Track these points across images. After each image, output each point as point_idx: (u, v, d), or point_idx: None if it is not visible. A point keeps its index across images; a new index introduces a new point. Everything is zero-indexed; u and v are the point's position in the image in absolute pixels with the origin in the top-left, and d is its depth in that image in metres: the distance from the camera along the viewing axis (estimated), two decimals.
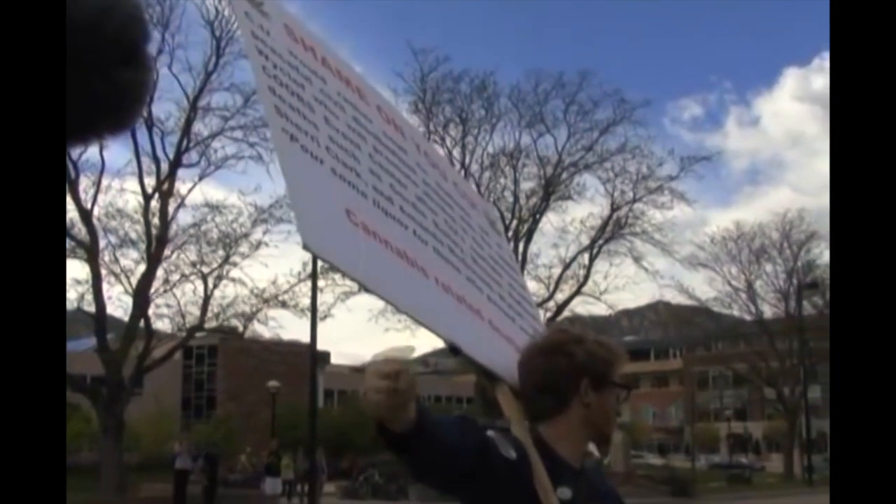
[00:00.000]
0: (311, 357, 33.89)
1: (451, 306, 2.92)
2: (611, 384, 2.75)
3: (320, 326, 32.80)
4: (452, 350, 2.73)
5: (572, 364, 2.70)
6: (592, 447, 2.84)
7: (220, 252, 37.01)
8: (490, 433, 2.53)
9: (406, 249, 2.81)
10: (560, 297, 47.94)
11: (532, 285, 47.92)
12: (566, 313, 48.66)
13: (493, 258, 3.50)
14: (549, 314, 46.84)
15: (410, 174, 3.17)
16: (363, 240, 2.63)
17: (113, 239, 35.79)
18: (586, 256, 47.92)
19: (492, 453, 2.47)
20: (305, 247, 2.42)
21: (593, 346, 2.77)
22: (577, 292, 47.85)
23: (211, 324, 38.33)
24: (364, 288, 2.62)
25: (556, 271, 47.88)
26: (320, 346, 39.57)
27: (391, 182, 2.99)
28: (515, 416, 2.71)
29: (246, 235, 37.00)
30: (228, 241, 36.84)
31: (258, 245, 37.12)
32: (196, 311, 37.17)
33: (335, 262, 2.58)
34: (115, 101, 1.40)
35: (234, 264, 37.07)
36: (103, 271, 34.37)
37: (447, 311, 2.87)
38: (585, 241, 47.88)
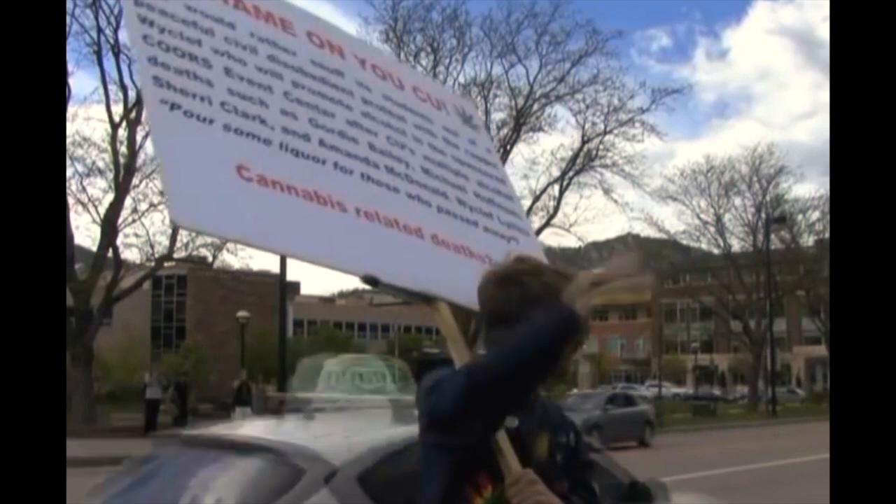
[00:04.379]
0: (280, 287, 33.83)
1: (375, 234, 2.87)
2: None
3: None
4: (369, 282, 2.72)
5: (524, 295, 2.62)
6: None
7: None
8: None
9: (318, 189, 2.76)
10: None
11: None
12: None
13: (458, 160, 3.43)
14: None
15: (344, 98, 3.11)
16: (257, 194, 2.59)
17: (80, 168, 35.45)
18: (556, 188, 48.06)
19: None
20: (173, 222, 2.42)
21: (551, 276, 2.67)
22: (547, 224, 47.95)
23: (180, 253, 38.14)
24: (250, 245, 2.63)
25: (526, 203, 47.83)
26: (290, 277, 39.60)
27: (311, 116, 2.94)
28: (452, 335, 2.70)
29: None
30: None
31: None
32: (165, 241, 36.99)
33: (208, 229, 2.61)
34: None
35: None
36: (71, 200, 34.03)
37: (364, 243, 2.82)
38: (556, 172, 47.99)
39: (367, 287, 2.88)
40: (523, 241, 3.41)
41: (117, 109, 34.97)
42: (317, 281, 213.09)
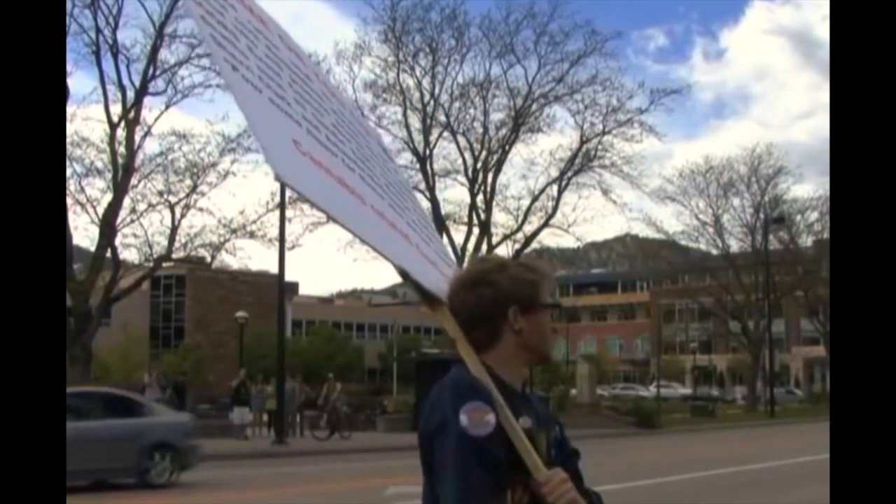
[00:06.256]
0: (278, 287, 33.86)
1: (389, 232, 2.90)
2: (540, 305, 2.69)
3: (288, 257, 32.83)
4: (402, 274, 2.72)
5: (497, 293, 2.65)
6: None
7: (188, 181, 36.72)
8: (463, 420, 2.44)
9: (343, 177, 2.77)
10: (528, 228, 48.11)
11: (501, 217, 48.15)
12: (534, 245, 48.90)
13: (399, 184, 3.46)
14: (517, 246, 47.06)
15: (323, 102, 3.11)
16: (314, 168, 2.60)
17: (79, 168, 35.39)
18: (555, 188, 48.05)
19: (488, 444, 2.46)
20: (277, 178, 2.37)
21: (517, 270, 2.72)
22: (546, 224, 47.98)
23: (178, 254, 38.12)
24: (329, 217, 2.59)
25: (525, 203, 47.97)
26: (288, 277, 39.68)
27: (313, 111, 2.94)
28: (460, 337, 2.68)
29: (214, 165, 36.71)
30: (196, 170, 36.55)
31: (226, 174, 36.87)
32: (163, 241, 36.99)
33: (305, 192, 2.53)
34: None
35: (202, 194, 36.85)
36: (69, 201, 33.98)
37: (388, 237, 2.85)
38: (554, 173, 48.02)
39: (366, 287, 2.87)
40: (454, 267, 3.46)
41: (116, 110, 35.04)
42: (315, 281, 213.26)
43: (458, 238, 46.41)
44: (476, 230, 46.72)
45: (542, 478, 2.43)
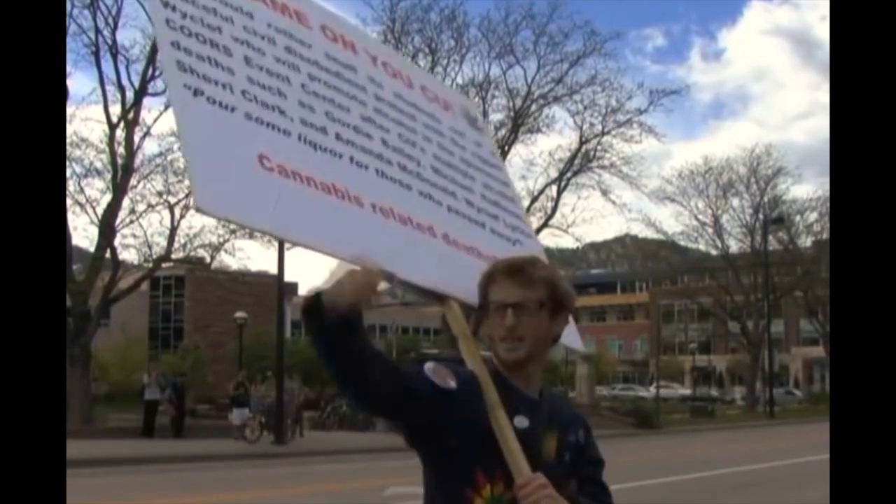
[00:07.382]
0: (278, 288, 33.84)
1: (390, 230, 2.87)
2: (486, 306, 2.65)
3: (288, 257, 32.67)
4: (385, 277, 2.67)
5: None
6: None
7: (187, 182, 36.56)
8: (428, 364, 2.51)
9: (335, 182, 2.76)
10: None
11: None
12: None
13: (465, 161, 3.43)
14: None
15: (358, 94, 3.11)
16: (278, 184, 2.59)
17: (78, 168, 35.41)
18: (554, 189, 48.08)
19: (421, 384, 2.49)
20: (198, 209, 2.39)
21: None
22: (545, 225, 47.93)
23: (178, 254, 38.14)
24: (272, 235, 2.61)
25: (524, 204, 47.79)
26: (288, 277, 39.63)
27: (327, 109, 2.94)
28: (463, 335, 2.69)
29: None
30: None
31: None
32: (163, 242, 37.01)
33: (233, 217, 2.56)
34: None
35: None
36: (68, 201, 33.94)
37: (382, 238, 2.81)
38: (553, 173, 48.02)
39: None
40: (526, 242, 3.44)
41: (115, 110, 35.01)
42: (315, 281, 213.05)
43: None
44: None
45: (520, 481, 2.43)
